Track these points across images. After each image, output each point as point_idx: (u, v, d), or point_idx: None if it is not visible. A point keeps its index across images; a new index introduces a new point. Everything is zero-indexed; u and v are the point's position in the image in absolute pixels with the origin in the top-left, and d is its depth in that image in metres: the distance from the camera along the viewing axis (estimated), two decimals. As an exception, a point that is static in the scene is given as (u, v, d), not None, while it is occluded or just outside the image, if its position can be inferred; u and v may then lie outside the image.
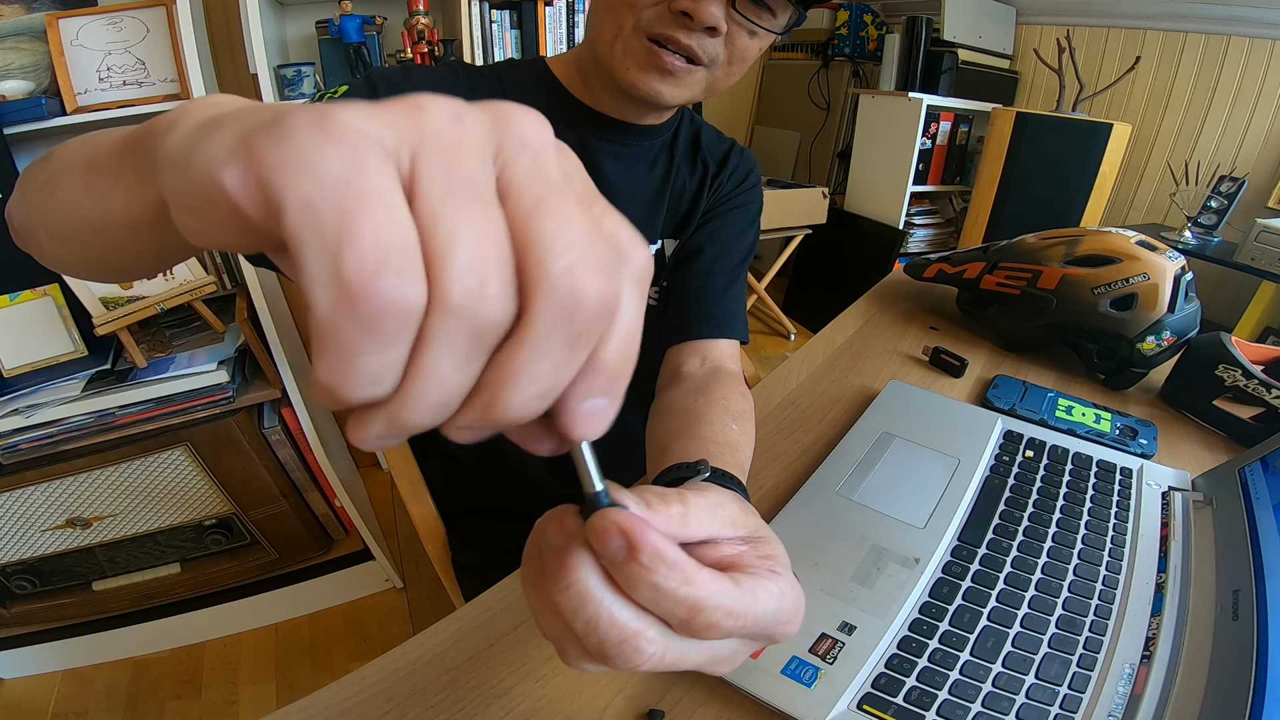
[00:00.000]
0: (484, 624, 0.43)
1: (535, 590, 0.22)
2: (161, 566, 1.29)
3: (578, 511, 0.22)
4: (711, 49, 0.51)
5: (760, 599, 0.23)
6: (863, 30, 2.87)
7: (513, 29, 1.53)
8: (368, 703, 0.38)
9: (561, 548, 0.21)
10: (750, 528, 0.27)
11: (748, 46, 0.52)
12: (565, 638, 0.22)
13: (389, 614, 1.45)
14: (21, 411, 1.01)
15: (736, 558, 0.25)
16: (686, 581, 0.21)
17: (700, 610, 0.21)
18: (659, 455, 0.47)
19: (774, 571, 0.24)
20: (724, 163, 0.69)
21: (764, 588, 0.23)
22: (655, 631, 0.21)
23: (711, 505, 0.26)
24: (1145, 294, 0.70)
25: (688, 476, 0.39)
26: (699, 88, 0.54)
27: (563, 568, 0.21)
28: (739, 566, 0.24)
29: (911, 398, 0.69)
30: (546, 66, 0.62)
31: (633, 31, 0.50)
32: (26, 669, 1.29)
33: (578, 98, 0.60)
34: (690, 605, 0.21)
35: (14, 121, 1.04)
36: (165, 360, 1.11)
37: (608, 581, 0.21)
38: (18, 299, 1.03)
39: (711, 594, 0.21)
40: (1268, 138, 1.96)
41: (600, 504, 0.21)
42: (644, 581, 0.20)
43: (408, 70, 0.59)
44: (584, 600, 0.20)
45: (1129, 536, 0.52)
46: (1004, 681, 0.39)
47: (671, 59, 0.50)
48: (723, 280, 0.66)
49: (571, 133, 0.61)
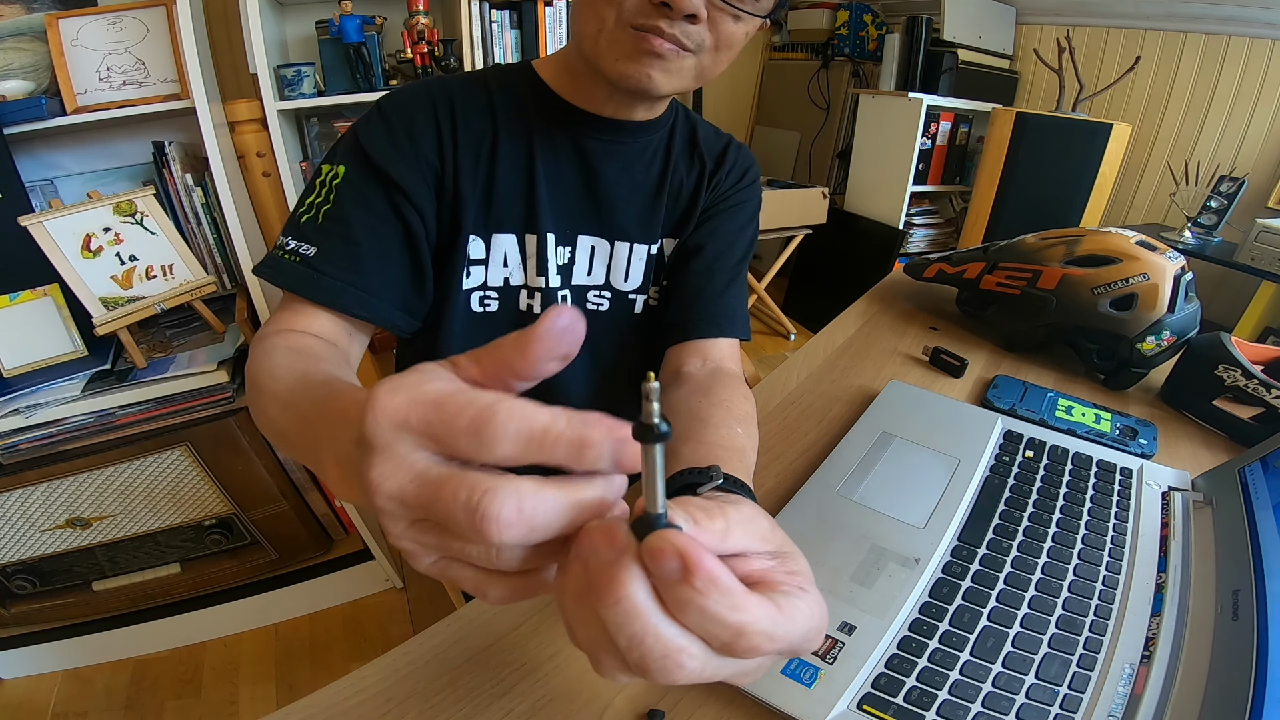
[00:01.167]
0: (484, 624, 0.43)
1: (576, 602, 0.22)
2: (161, 566, 1.29)
3: (629, 526, 0.22)
4: (696, 36, 0.50)
5: (798, 621, 0.23)
6: (863, 30, 2.87)
7: (513, 29, 1.54)
8: (368, 703, 0.38)
9: (611, 562, 0.21)
10: (778, 543, 0.27)
11: (733, 31, 0.51)
12: (604, 649, 0.22)
13: (389, 614, 1.45)
14: (21, 411, 1.01)
15: (766, 573, 0.25)
16: (736, 608, 0.21)
17: (744, 635, 0.21)
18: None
19: (803, 589, 0.25)
20: (721, 159, 0.68)
21: (799, 609, 0.23)
22: (698, 648, 0.21)
23: (745, 519, 0.26)
24: (1145, 294, 0.70)
25: (699, 482, 0.39)
26: (689, 75, 0.53)
27: (612, 582, 0.21)
28: (769, 583, 0.25)
29: (911, 398, 0.69)
30: (534, 71, 0.62)
31: (615, 24, 0.49)
32: (26, 669, 1.29)
33: (568, 100, 0.60)
34: (736, 630, 0.21)
35: (14, 121, 1.04)
36: (165, 360, 1.11)
37: (657, 598, 0.21)
38: (18, 299, 1.03)
39: (757, 619, 0.21)
40: (1268, 138, 1.96)
41: (658, 525, 0.21)
42: (694, 604, 0.20)
43: (397, 100, 0.58)
44: (632, 616, 0.21)
45: (1129, 536, 0.52)
46: (1004, 681, 0.39)
47: (659, 42, 0.49)
48: (723, 279, 0.66)
49: (566, 136, 0.60)
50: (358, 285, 0.53)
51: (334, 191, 0.55)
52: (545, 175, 0.60)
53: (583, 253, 0.64)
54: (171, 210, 1.22)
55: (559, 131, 0.60)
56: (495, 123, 0.59)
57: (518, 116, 0.60)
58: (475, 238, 0.60)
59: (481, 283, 0.62)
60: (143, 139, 1.24)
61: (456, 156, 0.58)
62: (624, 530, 0.22)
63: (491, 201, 0.59)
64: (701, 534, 0.23)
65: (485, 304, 0.63)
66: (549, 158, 0.60)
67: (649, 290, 0.67)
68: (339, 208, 0.54)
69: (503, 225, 0.60)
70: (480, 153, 0.59)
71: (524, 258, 0.62)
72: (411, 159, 0.56)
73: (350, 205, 0.54)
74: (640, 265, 0.66)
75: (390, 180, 0.55)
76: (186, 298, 1.12)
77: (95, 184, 1.24)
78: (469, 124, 0.58)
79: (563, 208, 0.62)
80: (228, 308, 1.27)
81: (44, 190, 1.22)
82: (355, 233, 0.54)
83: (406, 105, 0.57)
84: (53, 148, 1.22)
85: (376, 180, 0.55)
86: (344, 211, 0.54)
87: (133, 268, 1.08)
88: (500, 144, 0.59)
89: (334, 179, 0.55)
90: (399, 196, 0.55)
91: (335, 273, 0.53)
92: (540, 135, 0.60)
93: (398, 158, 0.55)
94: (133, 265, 1.08)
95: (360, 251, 0.54)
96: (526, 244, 0.62)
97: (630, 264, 0.65)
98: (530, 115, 0.60)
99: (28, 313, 1.04)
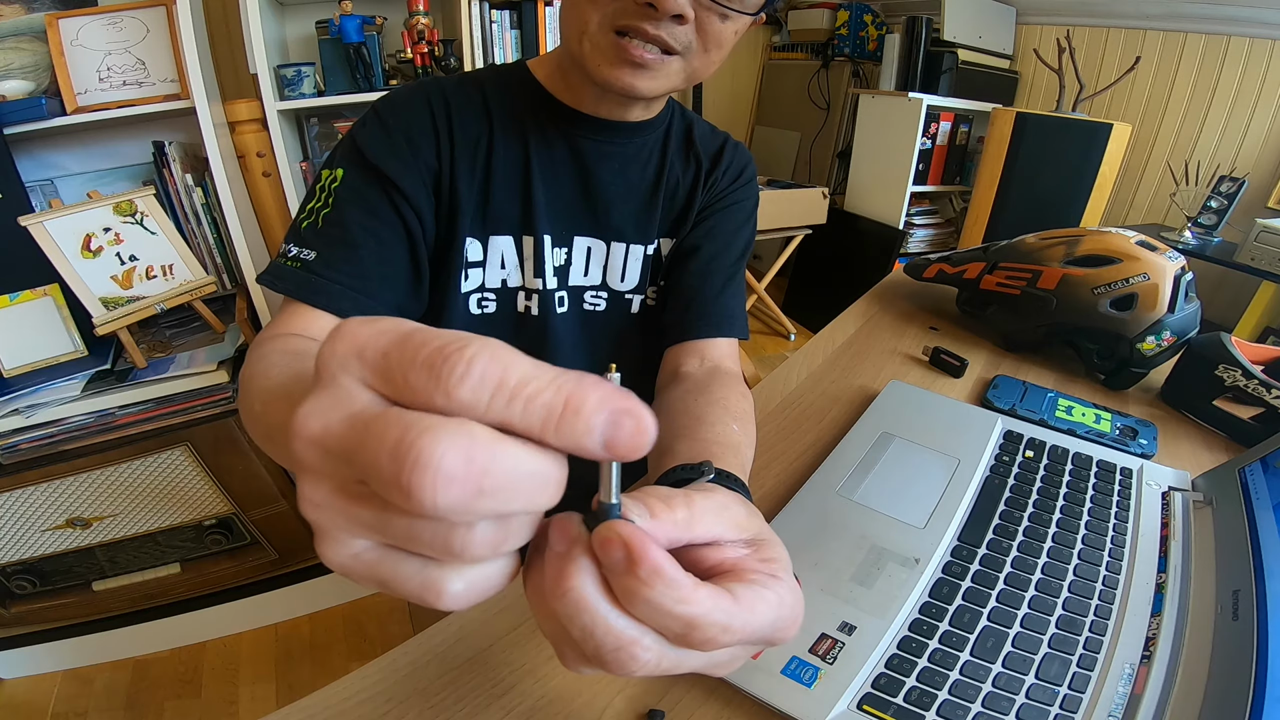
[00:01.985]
0: (484, 624, 0.43)
1: (535, 593, 0.22)
2: (161, 566, 1.29)
3: (581, 519, 0.22)
4: (683, 37, 0.49)
5: (759, 612, 0.23)
6: (863, 30, 2.87)
7: (513, 29, 1.53)
8: (368, 703, 0.38)
9: (563, 554, 0.21)
10: (754, 530, 0.27)
11: (721, 31, 0.50)
12: (563, 640, 0.22)
13: (389, 614, 1.45)
14: (21, 411, 1.01)
15: (738, 561, 0.25)
16: (682, 601, 0.20)
17: (695, 627, 0.21)
18: (660, 456, 0.47)
19: (774, 576, 0.24)
20: (718, 158, 0.68)
21: (762, 599, 0.23)
22: (651, 640, 0.21)
23: (717, 507, 0.26)
24: (1145, 294, 0.70)
25: (692, 478, 0.39)
26: (678, 78, 0.52)
27: (561, 574, 0.21)
28: (740, 571, 0.24)
29: (911, 398, 0.69)
30: (529, 71, 0.61)
31: (599, 27, 0.49)
32: (26, 669, 1.29)
33: (562, 101, 0.60)
34: (685, 622, 0.21)
35: (14, 121, 1.04)
36: (165, 360, 1.11)
37: (605, 590, 0.21)
38: (18, 299, 1.04)
39: (707, 611, 0.21)
40: (1268, 138, 1.96)
41: (612, 515, 0.21)
42: (639, 595, 0.20)
43: (393, 102, 0.58)
44: (580, 607, 0.20)
45: (1129, 536, 0.52)
46: (1004, 681, 0.39)
47: (640, 51, 0.48)
48: (720, 278, 0.66)
49: (561, 137, 0.60)
50: (356, 288, 0.54)
51: (333, 195, 0.55)
52: (541, 176, 0.60)
53: (579, 254, 0.64)
54: (171, 210, 1.22)
55: (554, 132, 0.60)
56: (491, 124, 0.59)
57: (513, 118, 0.60)
58: (473, 240, 0.60)
59: (480, 285, 0.62)
60: (143, 139, 1.24)
61: (453, 158, 0.58)
62: (576, 521, 0.22)
63: (488, 203, 0.59)
64: (660, 525, 0.23)
65: (484, 306, 0.63)
66: (544, 159, 0.60)
67: (646, 290, 0.67)
68: (338, 211, 0.54)
69: (499, 227, 0.60)
70: (476, 154, 0.59)
71: (521, 259, 0.62)
72: (409, 160, 0.56)
73: (349, 208, 0.54)
74: (637, 266, 0.66)
75: (388, 181, 0.55)
76: (186, 298, 1.12)
77: (95, 184, 1.24)
78: (465, 126, 0.58)
79: (559, 209, 0.62)
80: (228, 308, 1.27)
81: (44, 190, 1.22)
82: (354, 235, 0.54)
83: (402, 107, 0.57)
84: (53, 148, 1.22)
85: (375, 182, 0.55)
86: (343, 214, 0.54)
87: (133, 268, 1.08)
88: (496, 145, 0.59)
89: (333, 183, 0.55)
90: (398, 197, 0.55)
91: (334, 275, 0.53)
92: (535, 136, 0.60)
93: (395, 159, 0.55)
94: (133, 265, 1.08)
95: (359, 254, 0.54)
96: (524, 245, 0.61)
97: (627, 264, 0.65)
98: (525, 116, 0.60)
99: (28, 313, 1.04)
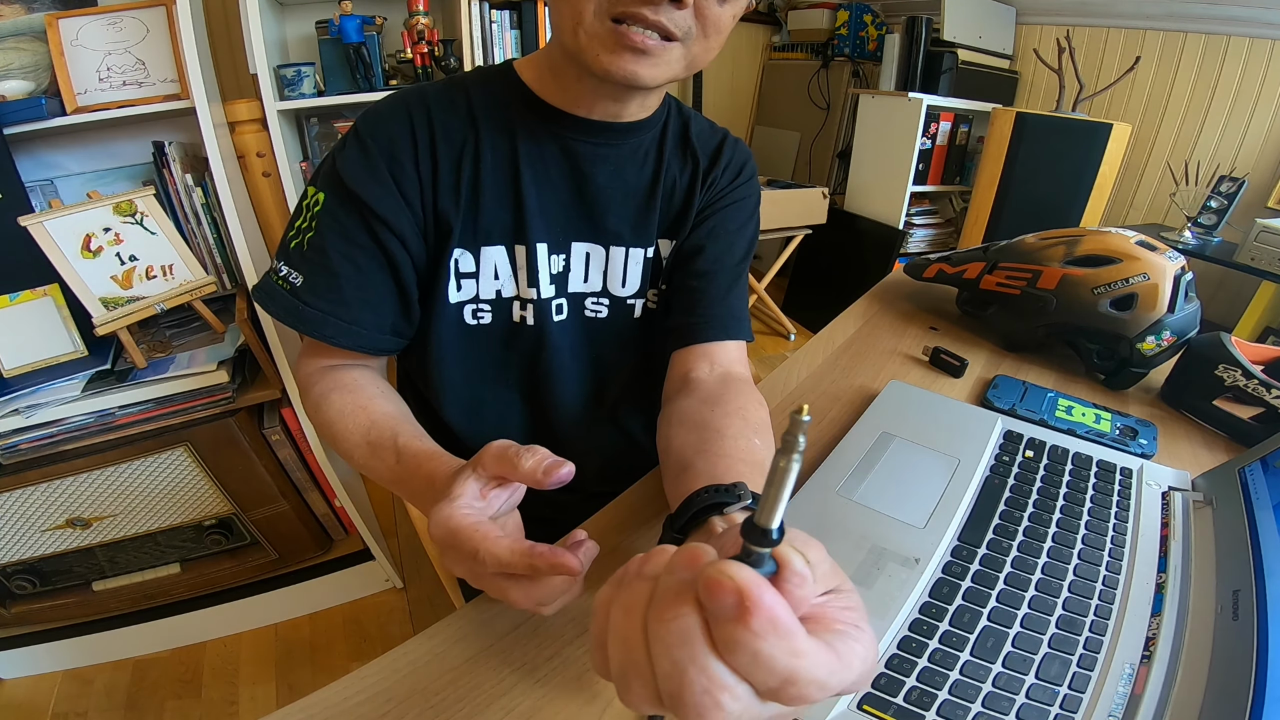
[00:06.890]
0: (484, 624, 0.43)
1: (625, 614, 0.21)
2: (161, 566, 1.29)
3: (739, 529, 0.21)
4: (682, 22, 0.48)
5: (854, 668, 0.21)
6: (863, 30, 2.87)
7: (513, 29, 1.53)
8: (368, 703, 0.38)
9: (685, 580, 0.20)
10: (836, 579, 0.25)
11: (720, 15, 0.50)
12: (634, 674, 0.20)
13: (389, 614, 1.45)
14: (21, 411, 1.01)
15: (821, 609, 0.23)
16: (795, 653, 0.19)
17: (795, 683, 0.19)
18: (681, 471, 0.45)
19: (859, 627, 0.23)
20: (716, 156, 0.66)
21: (854, 653, 0.22)
22: (744, 690, 0.19)
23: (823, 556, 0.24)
24: (1145, 294, 0.70)
25: (725, 501, 0.38)
26: (678, 65, 0.51)
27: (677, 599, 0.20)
28: (825, 620, 0.23)
29: (911, 398, 0.69)
30: (515, 73, 0.59)
31: (595, 16, 0.47)
32: (26, 669, 1.29)
33: (552, 103, 0.58)
34: (787, 676, 0.19)
35: (14, 121, 1.04)
36: (165, 360, 1.11)
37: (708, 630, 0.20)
38: (18, 299, 1.03)
39: (814, 666, 0.20)
40: (1268, 138, 1.96)
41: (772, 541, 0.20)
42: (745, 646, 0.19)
43: (373, 119, 0.57)
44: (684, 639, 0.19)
45: (1129, 536, 0.52)
46: (1004, 681, 0.39)
47: (641, 37, 0.47)
48: (726, 280, 0.64)
49: (552, 141, 0.59)
50: (339, 315, 0.55)
51: (316, 219, 0.55)
52: (532, 183, 0.59)
53: (578, 260, 0.63)
54: (171, 210, 1.22)
55: (545, 136, 0.59)
56: (477, 131, 0.57)
57: (500, 123, 0.58)
58: (464, 251, 0.59)
59: (473, 295, 0.61)
60: (143, 139, 1.24)
61: (436, 171, 0.56)
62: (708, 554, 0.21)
63: (478, 214, 0.58)
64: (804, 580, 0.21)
65: (479, 316, 0.62)
66: (535, 164, 0.59)
67: (647, 294, 0.66)
68: (320, 236, 0.55)
69: (490, 237, 0.59)
70: (462, 164, 0.57)
71: (514, 269, 0.61)
72: (388, 183, 0.55)
73: (330, 235, 0.55)
74: (637, 269, 0.64)
75: (367, 208, 0.54)
76: (186, 298, 1.12)
77: (95, 184, 1.24)
78: (448, 135, 0.57)
79: (553, 215, 0.60)
80: (228, 308, 1.27)
81: (44, 190, 1.22)
82: (334, 264, 0.54)
83: (382, 125, 0.56)
84: (53, 148, 1.22)
85: (354, 209, 0.55)
86: (324, 241, 0.55)
87: (133, 268, 1.08)
88: (483, 153, 0.57)
89: (315, 206, 0.55)
90: (377, 224, 0.55)
91: (318, 304, 0.54)
92: (525, 141, 0.58)
93: (374, 183, 0.54)
94: (133, 265, 1.08)
95: (339, 283, 0.54)
96: (516, 255, 0.60)
97: (627, 269, 0.64)
98: (513, 121, 0.58)
99: (28, 313, 1.04)
